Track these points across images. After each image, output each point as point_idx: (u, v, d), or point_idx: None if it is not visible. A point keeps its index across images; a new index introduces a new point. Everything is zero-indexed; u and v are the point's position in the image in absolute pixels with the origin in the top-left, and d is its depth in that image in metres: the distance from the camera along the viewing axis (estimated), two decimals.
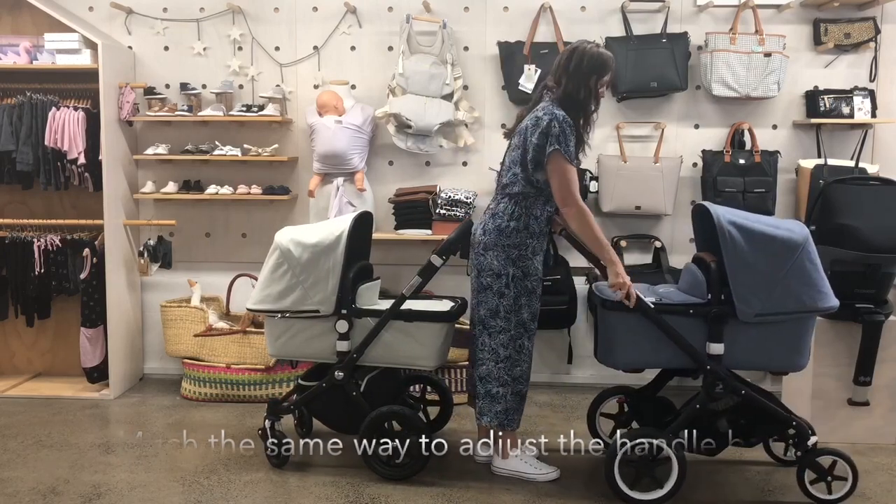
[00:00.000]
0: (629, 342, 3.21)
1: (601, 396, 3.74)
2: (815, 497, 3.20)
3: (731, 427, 3.27)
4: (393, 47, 4.67)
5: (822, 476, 3.19)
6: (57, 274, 4.57)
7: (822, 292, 3.09)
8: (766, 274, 3.05)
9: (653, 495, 3.15)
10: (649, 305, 3.15)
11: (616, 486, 3.16)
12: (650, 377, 3.58)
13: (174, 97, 4.76)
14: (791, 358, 3.19)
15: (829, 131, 4.61)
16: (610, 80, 3.33)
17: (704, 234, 3.31)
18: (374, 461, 3.40)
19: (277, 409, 3.55)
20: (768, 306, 3.07)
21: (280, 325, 3.46)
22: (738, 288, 3.06)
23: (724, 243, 3.05)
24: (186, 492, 3.29)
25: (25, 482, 3.38)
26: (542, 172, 3.24)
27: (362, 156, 4.58)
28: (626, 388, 3.70)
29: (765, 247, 3.05)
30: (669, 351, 3.17)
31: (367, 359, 3.44)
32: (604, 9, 4.63)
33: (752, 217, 3.16)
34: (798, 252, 3.04)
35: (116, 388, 4.57)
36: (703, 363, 3.15)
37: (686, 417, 3.22)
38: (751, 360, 3.21)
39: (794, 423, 3.21)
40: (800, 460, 3.21)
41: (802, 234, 3.08)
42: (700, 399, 3.20)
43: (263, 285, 3.46)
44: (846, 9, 4.51)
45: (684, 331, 3.15)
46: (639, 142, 4.66)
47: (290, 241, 3.40)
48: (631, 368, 3.33)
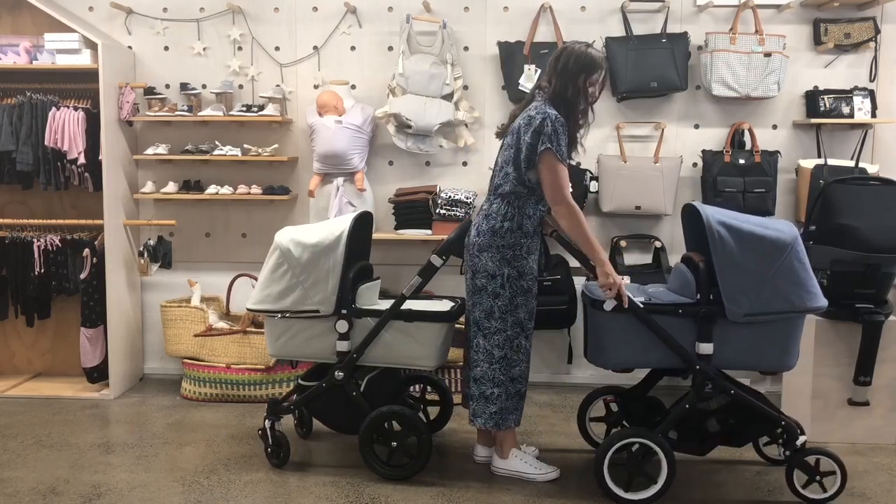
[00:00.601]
0: (619, 342, 3.21)
1: (590, 397, 3.75)
2: (804, 497, 3.20)
3: (721, 427, 3.27)
4: (393, 47, 4.67)
5: (812, 475, 3.20)
6: (57, 274, 4.57)
7: (811, 292, 3.09)
8: (754, 274, 3.05)
9: (643, 494, 3.15)
10: (639, 305, 3.16)
11: (606, 486, 3.17)
12: (641, 377, 3.58)
13: (174, 97, 4.76)
14: (780, 357, 3.19)
15: (829, 131, 4.61)
16: (602, 80, 3.29)
17: (693, 234, 3.32)
18: (374, 461, 3.40)
19: (277, 409, 3.55)
20: (757, 306, 3.07)
21: (280, 325, 3.46)
22: (727, 288, 3.07)
23: (713, 243, 3.05)
24: (186, 492, 3.29)
25: (25, 482, 3.38)
26: (534, 172, 3.23)
27: (362, 156, 4.58)
28: (615, 388, 3.71)
29: (753, 247, 3.05)
30: (659, 351, 3.17)
31: (367, 359, 3.44)
32: (604, 9, 4.63)
33: (740, 217, 3.16)
34: (787, 252, 3.05)
35: (116, 388, 4.57)
36: (693, 363, 3.16)
37: (675, 417, 3.23)
38: (740, 359, 3.20)
39: (783, 423, 3.21)
40: (788, 460, 3.21)
41: (791, 234, 3.09)
42: (689, 399, 3.21)
43: (263, 285, 3.46)
44: (846, 9, 4.51)
45: (674, 331, 3.15)
46: (639, 142, 4.66)
47: (290, 241, 3.40)
48: (621, 368, 3.33)
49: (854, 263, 3.60)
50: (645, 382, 3.57)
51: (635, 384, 3.60)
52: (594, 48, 3.29)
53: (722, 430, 3.27)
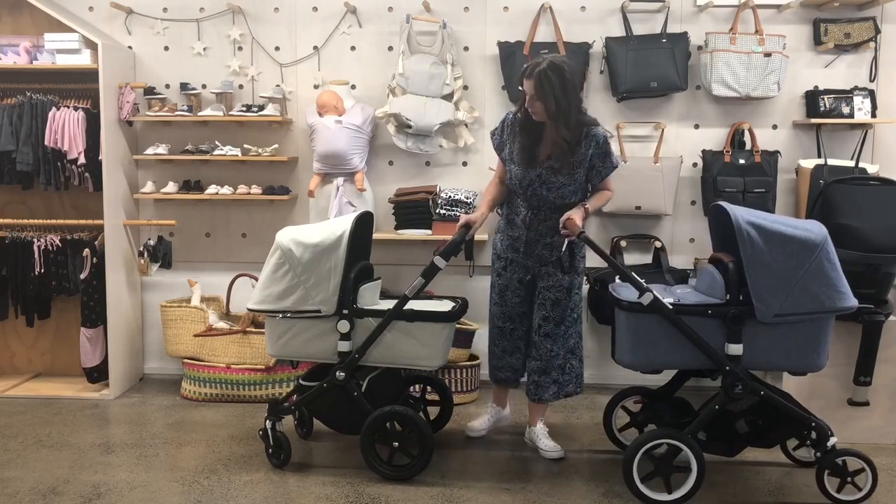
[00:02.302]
0: (647, 343, 3.20)
1: (617, 397, 3.74)
2: (834, 498, 3.20)
3: (750, 428, 3.27)
4: (393, 47, 4.67)
5: (843, 477, 3.19)
6: (57, 274, 4.57)
7: (841, 292, 3.08)
8: (784, 274, 3.04)
9: (670, 497, 3.15)
10: (668, 306, 3.15)
11: (635, 487, 3.16)
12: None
13: (174, 97, 4.76)
14: (810, 358, 3.18)
15: (829, 131, 4.61)
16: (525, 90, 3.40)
17: (721, 235, 3.31)
18: (375, 461, 3.40)
19: (278, 409, 3.55)
20: (787, 306, 3.06)
21: (281, 325, 3.46)
22: (757, 288, 3.06)
23: (742, 244, 3.04)
24: (186, 492, 3.29)
25: (25, 482, 3.38)
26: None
27: (362, 156, 4.58)
28: (643, 389, 3.71)
29: (783, 247, 3.04)
30: (687, 352, 3.17)
31: (369, 359, 3.44)
32: (604, 9, 4.63)
33: (770, 217, 3.17)
34: (816, 252, 3.04)
35: (116, 388, 4.57)
36: (723, 364, 3.15)
37: (704, 418, 3.22)
38: (769, 360, 3.20)
39: (814, 424, 3.20)
40: (819, 461, 3.20)
41: (821, 234, 3.08)
42: (719, 400, 3.20)
43: (264, 285, 3.45)
44: (846, 9, 4.51)
45: (703, 332, 3.14)
46: (639, 142, 4.66)
47: (291, 240, 3.40)
48: (649, 369, 3.32)
49: (854, 263, 3.60)
50: (672, 383, 3.57)
51: (661, 385, 3.61)
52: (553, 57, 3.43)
53: (751, 432, 3.27)
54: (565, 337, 3.61)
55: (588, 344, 4.74)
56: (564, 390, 3.65)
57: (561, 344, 3.60)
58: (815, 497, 3.24)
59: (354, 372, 3.44)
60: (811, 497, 3.26)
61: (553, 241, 3.52)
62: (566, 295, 3.58)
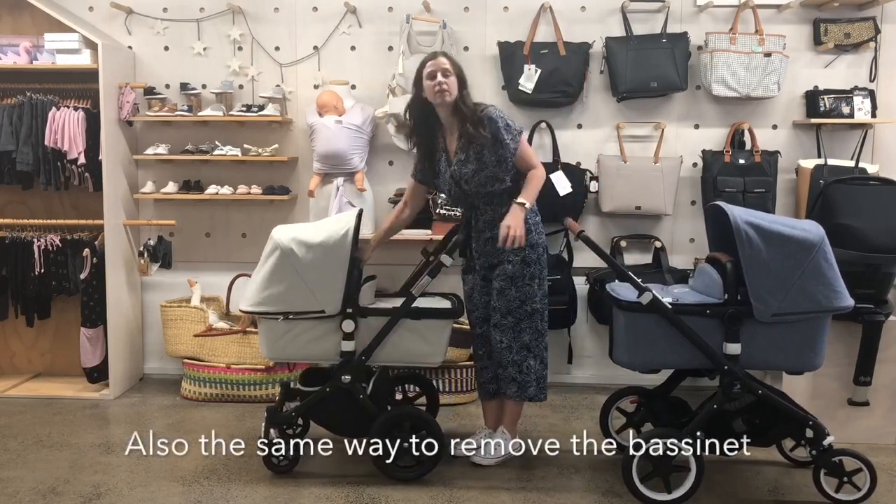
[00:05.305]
0: (645, 343, 3.21)
1: (614, 397, 3.74)
2: (833, 498, 3.20)
3: (747, 427, 3.27)
4: (393, 47, 4.67)
5: (839, 476, 3.19)
6: (57, 274, 4.57)
7: (838, 291, 3.09)
8: (782, 274, 3.05)
9: (669, 496, 3.15)
10: (667, 306, 3.15)
11: (634, 487, 3.16)
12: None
13: (174, 97, 4.76)
14: (807, 358, 3.19)
15: (829, 131, 4.61)
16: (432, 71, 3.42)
17: (718, 234, 3.32)
18: (383, 462, 3.35)
19: (280, 419, 3.47)
20: (785, 306, 3.07)
21: (280, 326, 3.37)
22: (755, 288, 3.07)
23: (740, 243, 3.05)
24: (186, 492, 3.29)
25: (25, 482, 3.38)
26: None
27: (362, 156, 4.58)
28: (639, 388, 3.70)
29: (781, 247, 3.05)
30: (686, 351, 3.17)
31: (374, 359, 3.41)
32: (604, 9, 4.63)
33: (767, 217, 3.18)
34: (814, 252, 3.04)
35: (116, 388, 4.57)
36: (721, 363, 3.16)
37: (703, 417, 3.22)
38: (767, 360, 3.21)
39: (811, 423, 3.21)
40: (816, 460, 3.21)
41: (818, 233, 3.08)
42: (717, 399, 3.21)
43: (262, 286, 3.34)
44: (846, 9, 4.51)
45: (701, 331, 3.15)
46: (639, 142, 4.66)
47: (291, 240, 3.30)
48: (647, 369, 3.33)
49: (854, 263, 3.59)
50: (668, 382, 3.57)
51: (658, 384, 3.61)
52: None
53: (748, 431, 3.28)
54: (516, 330, 3.43)
55: (588, 344, 4.75)
56: (526, 392, 3.46)
57: (511, 337, 3.43)
58: (814, 497, 3.23)
59: (361, 374, 3.41)
60: (811, 497, 3.25)
61: (493, 234, 3.43)
62: (510, 284, 3.42)
